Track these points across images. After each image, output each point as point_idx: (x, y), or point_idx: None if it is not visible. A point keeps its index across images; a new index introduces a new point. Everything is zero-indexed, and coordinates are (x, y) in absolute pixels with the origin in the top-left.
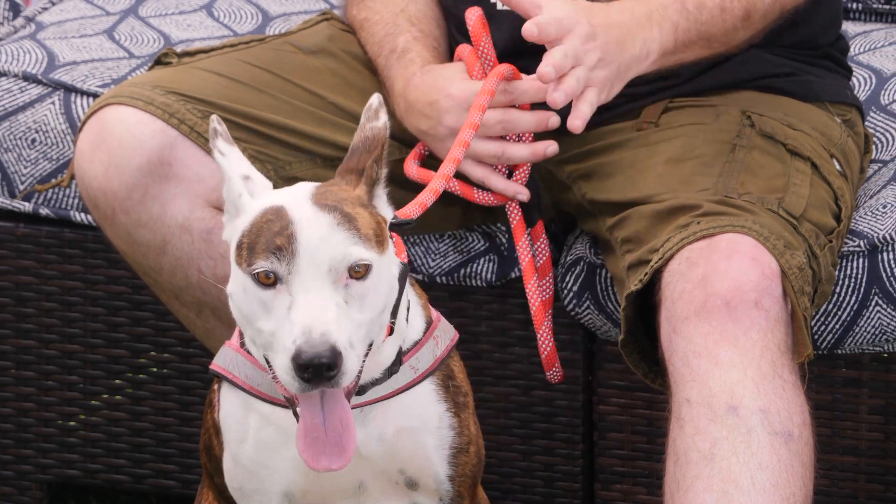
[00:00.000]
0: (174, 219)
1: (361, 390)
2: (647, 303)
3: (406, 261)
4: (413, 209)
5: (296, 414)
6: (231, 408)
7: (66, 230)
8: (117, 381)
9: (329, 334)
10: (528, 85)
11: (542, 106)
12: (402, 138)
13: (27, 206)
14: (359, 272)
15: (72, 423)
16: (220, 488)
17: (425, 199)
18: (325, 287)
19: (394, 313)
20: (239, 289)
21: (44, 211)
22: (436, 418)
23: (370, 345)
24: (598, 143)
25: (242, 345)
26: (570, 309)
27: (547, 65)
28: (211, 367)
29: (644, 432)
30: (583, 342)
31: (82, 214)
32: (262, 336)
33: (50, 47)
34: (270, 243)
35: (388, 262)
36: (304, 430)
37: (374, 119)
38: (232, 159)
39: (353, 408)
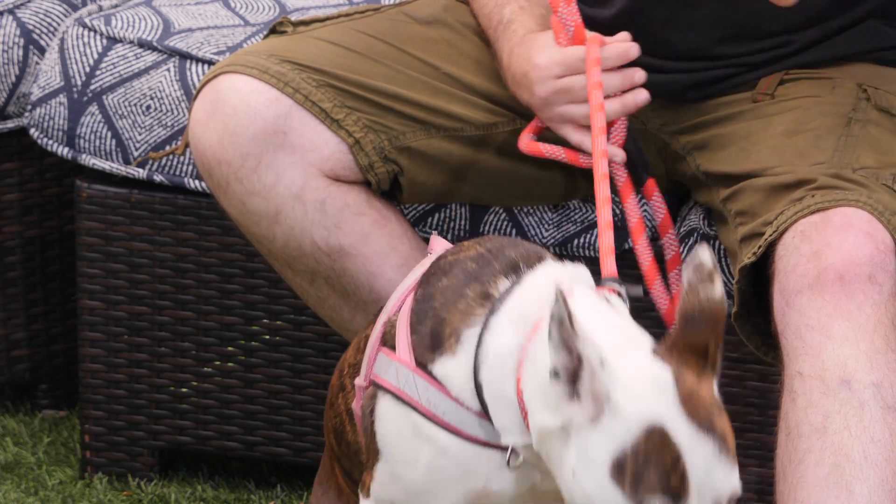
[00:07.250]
0: (288, 188)
1: None
2: (760, 276)
3: None
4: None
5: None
6: (398, 427)
7: (179, 197)
8: (230, 349)
9: None
10: (610, 51)
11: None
12: (517, 109)
13: (141, 173)
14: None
15: (184, 390)
16: (347, 470)
17: (605, 191)
18: None
19: None
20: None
21: (158, 178)
22: None
23: None
24: (712, 114)
25: (419, 365)
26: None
27: None
28: (375, 379)
29: (756, 404)
30: None
31: (196, 181)
32: None
33: (165, 14)
34: (664, 483)
35: None
36: None
37: (709, 282)
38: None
39: None
